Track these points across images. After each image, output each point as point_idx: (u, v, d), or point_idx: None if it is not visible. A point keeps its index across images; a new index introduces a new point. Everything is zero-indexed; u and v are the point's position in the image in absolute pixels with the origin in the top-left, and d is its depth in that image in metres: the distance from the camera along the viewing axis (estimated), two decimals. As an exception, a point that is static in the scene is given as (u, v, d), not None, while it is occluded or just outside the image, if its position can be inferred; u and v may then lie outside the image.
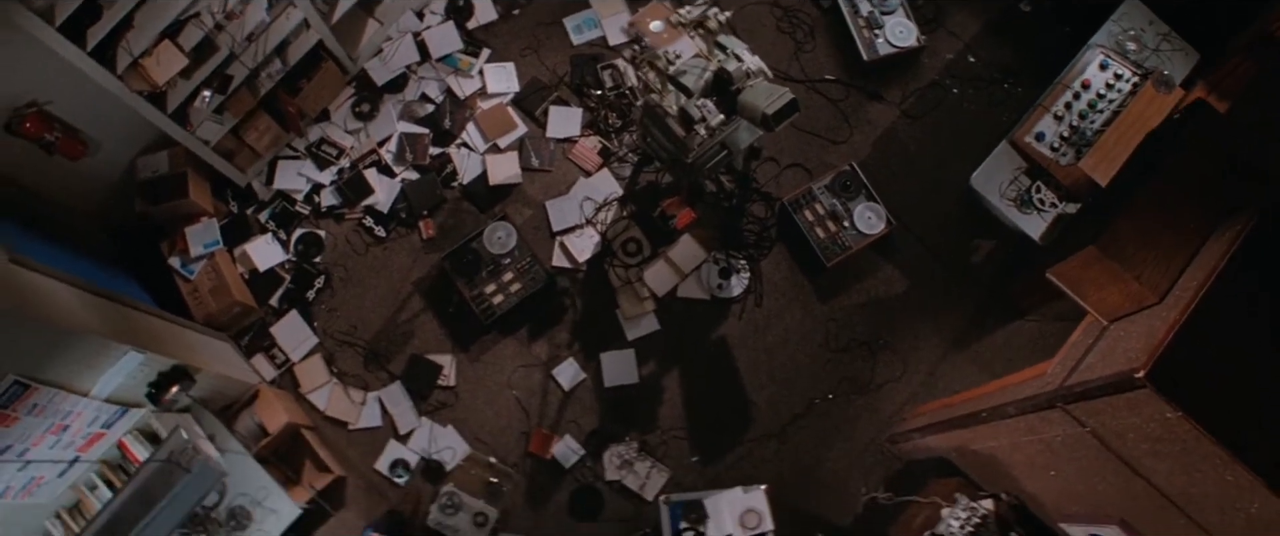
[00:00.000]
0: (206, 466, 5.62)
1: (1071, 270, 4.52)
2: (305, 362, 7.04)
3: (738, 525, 6.06)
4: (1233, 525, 3.92)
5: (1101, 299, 4.46)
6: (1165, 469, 4.08)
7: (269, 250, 7.13)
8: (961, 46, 7.15)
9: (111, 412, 5.89)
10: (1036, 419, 4.73)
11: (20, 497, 5.86)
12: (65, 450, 5.87)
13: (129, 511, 5.58)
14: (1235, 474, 3.65)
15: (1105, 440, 4.31)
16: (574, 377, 6.87)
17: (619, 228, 7.00)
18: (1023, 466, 5.25)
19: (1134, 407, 3.90)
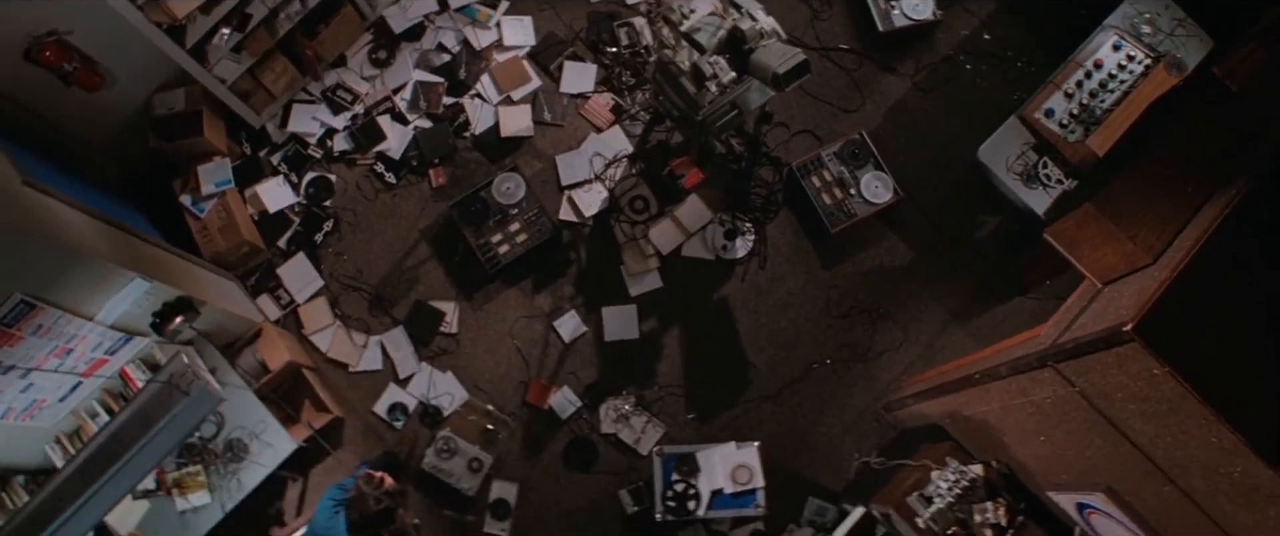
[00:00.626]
0: (205, 391, 5.70)
1: (1068, 229, 4.58)
2: (310, 304, 7.15)
3: (729, 479, 6.14)
4: (1216, 490, 3.99)
5: (1096, 260, 4.52)
6: (1151, 431, 4.14)
7: (280, 192, 7.24)
8: (977, 23, 7.19)
9: (115, 339, 5.98)
10: (1027, 380, 4.80)
11: (21, 419, 5.97)
12: (68, 375, 5.97)
13: (127, 432, 5.66)
14: (1219, 435, 3.71)
15: (1093, 400, 4.37)
16: (575, 330, 6.95)
17: (627, 185, 7.08)
18: (1014, 432, 5.33)
19: (1122, 363, 3.96)
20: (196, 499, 6.36)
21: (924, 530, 5.52)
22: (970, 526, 5.50)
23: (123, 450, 5.66)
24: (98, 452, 5.70)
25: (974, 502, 5.52)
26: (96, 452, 5.70)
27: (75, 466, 5.74)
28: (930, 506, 5.53)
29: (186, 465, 6.41)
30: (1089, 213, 4.42)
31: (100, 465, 5.66)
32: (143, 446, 5.67)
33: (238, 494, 6.34)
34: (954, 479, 5.55)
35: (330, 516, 5.49)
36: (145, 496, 6.40)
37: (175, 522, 6.36)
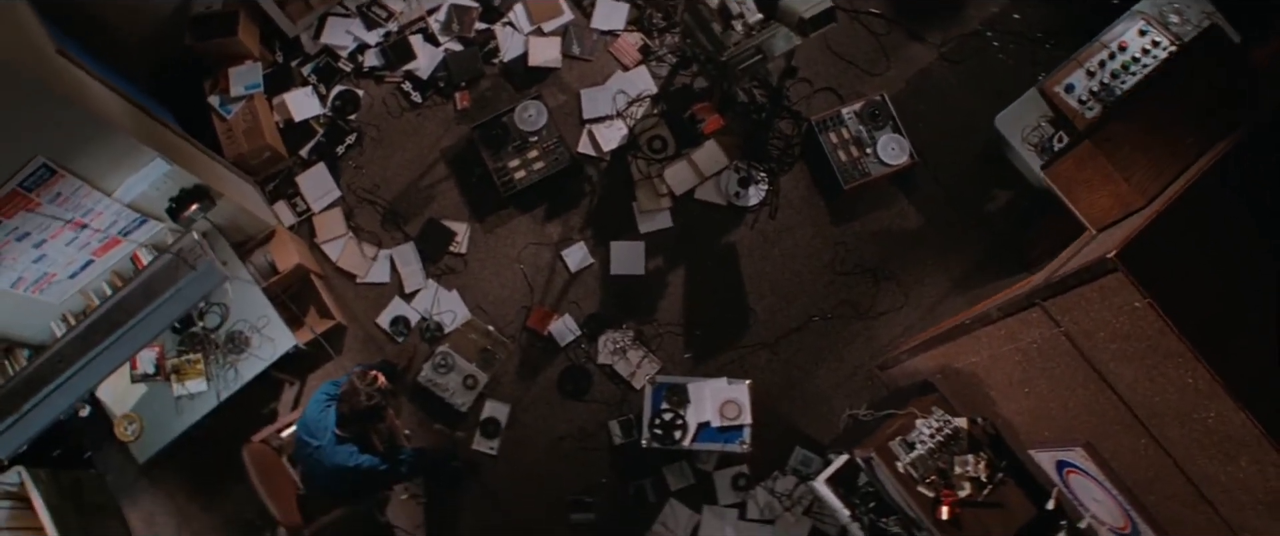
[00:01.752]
0: (211, 267, 5.87)
1: (1066, 169, 4.71)
2: (325, 214, 7.34)
3: (717, 413, 6.27)
4: (1190, 438, 4.10)
5: (1091, 203, 4.65)
6: (1131, 375, 4.26)
7: (307, 102, 7.44)
8: (1007, 2, 7.31)
9: (130, 220, 6.15)
10: (1017, 322, 4.91)
11: (31, 291, 6.15)
12: (80, 250, 6.15)
13: (131, 301, 5.86)
14: (1196, 375, 3.82)
15: (1077, 341, 4.48)
16: (582, 261, 7.11)
17: (647, 124, 7.24)
18: (1001, 385, 5.44)
19: (1105, 296, 4.08)
20: (194, 386, 6.55)
21: (903, 474, 5.60)
22: (949, 477, 5.58)
23: (124, 319, 5.85)
24: (100, 320, 5.89)
25: (955, 453, 5.62)
26: (99, 320, 5.89)
27: (77, 332, 5.92)
28: (912, 452, 5.63)
29: (187, 353, 6.59)
30: (1087, 151, 4.55)
31: (101, 332, 5.85)
32: (144, 316, 5.86)
33: (234, 384, 6.52)
34: (938, 426, 5.66)
35: (321, 409, 5.67)
36: (143, 380, 6.60)
37: (170, 408, 6.55)
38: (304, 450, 5.77)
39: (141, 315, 5.86)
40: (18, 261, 5.91)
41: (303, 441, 5.76)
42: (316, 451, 5.64)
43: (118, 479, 7.31)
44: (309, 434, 5.68)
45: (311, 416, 5.70)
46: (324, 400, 5.72)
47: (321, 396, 5.75)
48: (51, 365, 5.88)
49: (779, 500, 6.70)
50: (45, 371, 5.88)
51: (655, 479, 6.80)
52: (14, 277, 6.02)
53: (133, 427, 6.56)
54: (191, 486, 7.23)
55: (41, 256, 6.01)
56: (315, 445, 5.64)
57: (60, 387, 5.88)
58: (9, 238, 5.71)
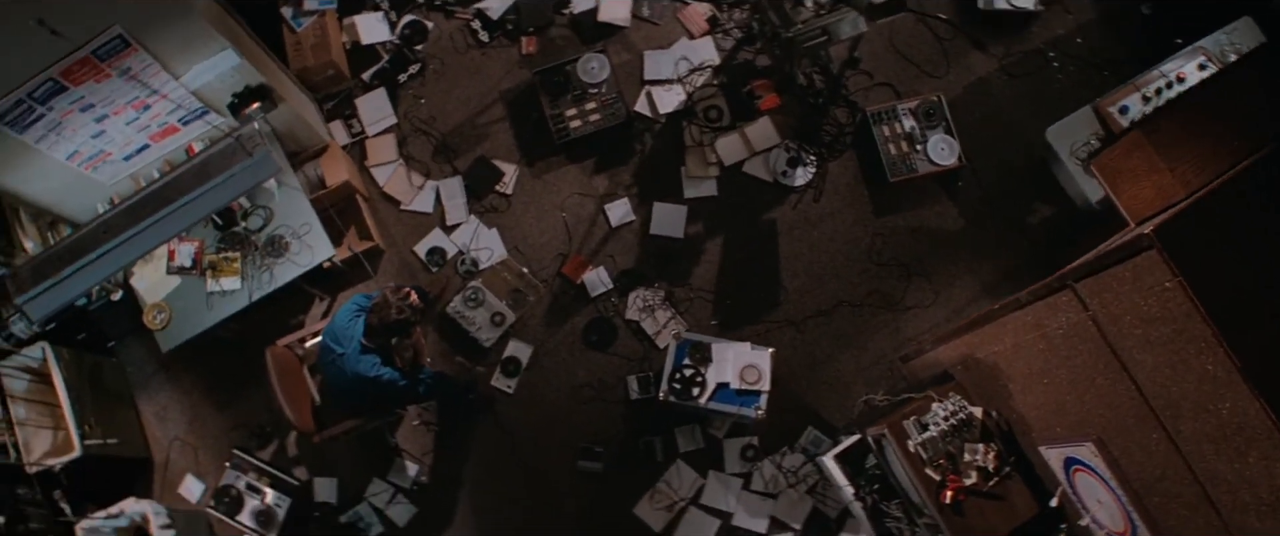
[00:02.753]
0: (268, 157, 6.15)
1: (1113, 159, 5.00)
2: (378, 139, 7.71)
3: (737, 376, 6.53)
4: (1202, 432, 4.36)
5: (1134, 195, 4.94)
6: (1151, 362, 4.53)
7: (376, 27, 7.80)
8: (1073, 26, 7.60)
9: (191, 109, 6.51)
10: (1045, 307, 5.18)
11: (85, 167, 6.49)
12: (139, 132, 6.49)
13: (184, 181, 6.15)
14: (1216, 362, 4.09)
15: (1103, 327, 4.75)
16: (623, 217, 7.44)
17: (705, 93, 7.57)
18: (1020, 377, 5.71)
19: (1137, 276, 4.36)
20: (228, 283, 6.88)
21: (912, 454, 5.88)
22: (958, 463, 5.84)
23: (175, 196, 6.12)
24: (151, 195, 6.16)
25: (966, 440, 5.90)
26: (150, 195, 6.16)
27: (127, 204, 6.18)
28: (924, 432, 5.90)
29: (226, 251, 6.91)
30: (1136, 139, 4.84)
31: (150, 207, 6.12)
32: (195, 197, 6.13)
33: (268, 286, 6.86)
34: (953, 410, 5.93)
35: (350, 318, 5.97)
36: (179, 273, 6.94)
37: (201, 302, 6.89)
38: (327, 356, 6.06)
39: (192, 195, 6.11)
40: (77, 133, 6.23)
41: (327, 347, 6.05)
42: (340, 358, 5.93)
43: (137, 370, 7.68)
44: (335, 340, 5.97)
45: (340, 324, 5.99)
46: (354, 310, 6.02)
47: (352, 306, 6.05)
48: (96, 234, 6.13)
49: (784, 475, 6.97)
50: (89, 240, 6.13)
51: (666, 438, 7.10)
52: (71, 150, 6.34)
53: (161, 316, 6.88)
54: (207, 387, 7.58)
55: (101, 132, 6.34)
56: (339, 352, 5.93)
57: (102, 257, 6.12)
58: (73, 107, 6.04)
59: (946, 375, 6.45)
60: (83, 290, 6.28)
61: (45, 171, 6.41)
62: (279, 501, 7.05)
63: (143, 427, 7.59)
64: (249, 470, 7.11)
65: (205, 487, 7.38)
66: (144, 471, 7.47)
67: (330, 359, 6.04)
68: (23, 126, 6.01)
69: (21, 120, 5.97)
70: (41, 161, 6.33)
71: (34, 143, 6.15)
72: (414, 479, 7.22)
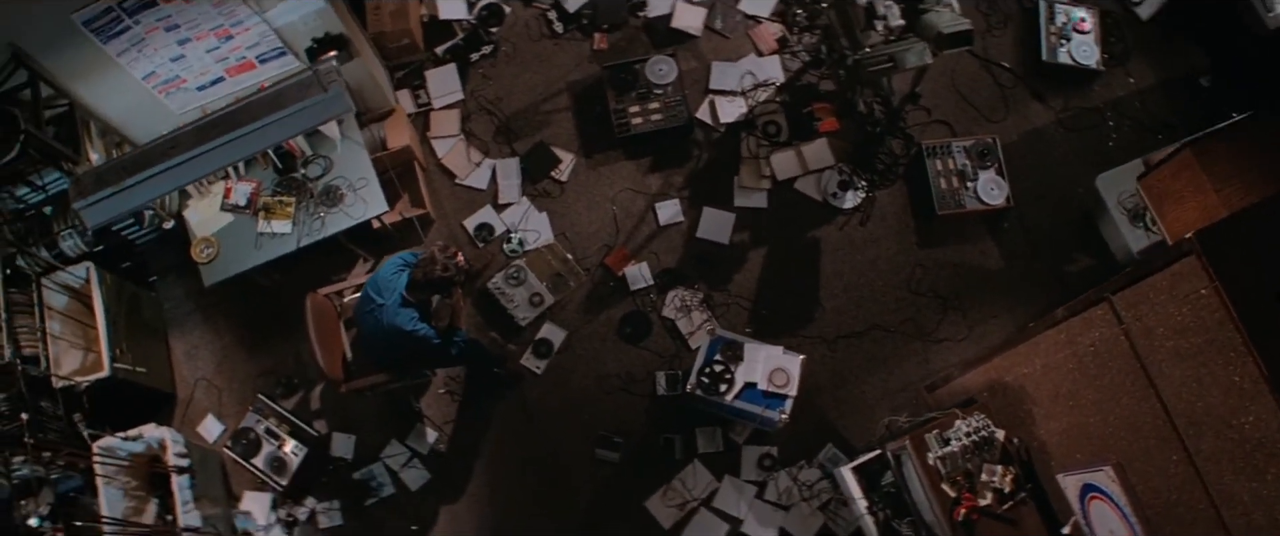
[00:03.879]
0: (341, 94, 6.50)
1: (1161, 180, 5.37)
2: (443, 112, 8.19)
3: (766, 378, 6.85)
4: (1222, 449, 4.64)
5: (1178, 216, 5.30)
6: (1179, 376, 4.84)
7: (454, 4, 8.28)
8: (1134, 89, 8.04)
9: (270, 47, 6.92)
10: (1079, 323, 5.50)
11: (159, 91, 6.89)
12: (217, 63, 6.90)
13: (257, 107, 6.50)
14: (1243, 373, 4.39)
15: (1135, 340, 5.06)
16: (672, 217, 7.86)
17: (767, 108, 8.01)
18: (1046, 400, 6.02)
19: (1175, 284, 4.69)
20: (279, 226, 7.28)
21: (931, 467, 6.16)
22: (975, 482, 6.12)
23: (246, 121, 6.45)
24: (223, 117, 6.51)
25: (986, 460, 6.19)
26: (222, 117, 6.51)
27: (198, 123, 6.53)
28: (945, 447, 6.19)
29: (282, 195, 7.31)
30: (1186, 159, 5.20)
31: (221, 128, 6.45)
32: (265, 124, 6.46)
33: (316, 234, 7.27)
34: (976, 427, 6.23)
35: (395, 271, 6.34)
36: (232, 211, 7.34)
37: (250, 241, 7.30)
38: (366, 306, 6.42)
39: (262, 122, 6.44)
40: (158, 53, 6.64)
41: (368, 297, 6.40)
42: (379, 309, 6.28)
43: (174, 307, 8.07)
44: (377, 291, 6.32)
45: (383, 276, 6.36)
46: (399, 263, 6.39)
47: (397, 260, 6.42)
48: (163, 149, 6.45)
49: (799, 488, 7.26)
50: (155, 153, 6.45)
51: (686, 437, 7.42)
52: (149, 70, 6.74)
53: (209, 251, 7.27)
54: (241, 332, 7.97)
55: (180, 56, 6.74)
56: (379, 303, 6.28)
57: (165, 172, 6.43)
58: (159, 24, 6.45)
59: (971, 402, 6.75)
60: (141, 202, 6.61)
61: (121, 88, 6.80)
62: (296, 450, 7.34)
63: (171, 363, 7.95)
64: (270, 416, 7.41)
65: (224, 429, 7.71)
66: (166, 406, 7.79)
67: (369, 308, 6.37)
68: (108, 36, 6.39)
69: (108, 30, 6.35)
70: (119, 77, 6.71)
71: (116, 55, 6.53)
72: (432, 445, 7.54)
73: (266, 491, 7.47)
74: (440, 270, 6.10)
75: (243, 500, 7.49)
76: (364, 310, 6.48)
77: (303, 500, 7.49)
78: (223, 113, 6.58)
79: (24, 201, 6.96)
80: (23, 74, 6.41)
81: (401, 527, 7.45)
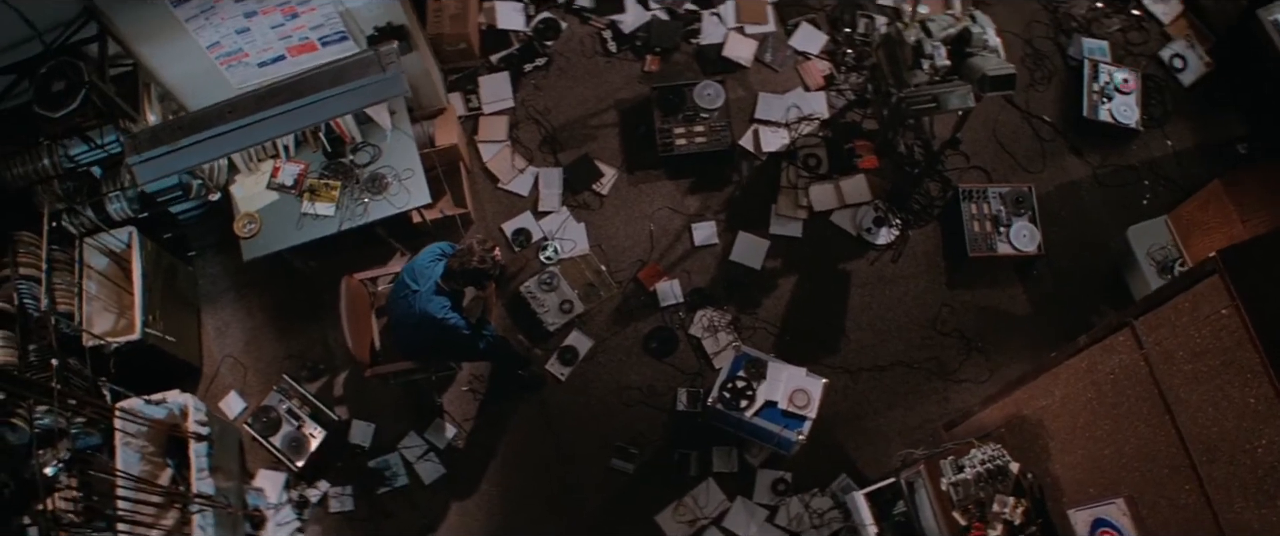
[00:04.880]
0: (399, 77, 6.73)
1: (1190, 211, 5.61)
2: (492, 117, 8.58)
3: (786, 398, 7.07)
4: (1235, 476, 4.82)
5: (1204, 248, 5.53)
6: (1196, 401, 5.04)
7: (513, 15, 8.74)
8: (1170, 152, 8.35)
9: (333, 30, 7.22)
10: (1100, 350, 5.69)
11: (221, 62, 7.18)
12: (280, 40, 7.20)
13: (317, 80, 6.70)
14: (1259, 395, 4.60)
15: (1154, 365, 5.26)
16: (707, 238, 8.17)
17: (809, 141, 8.35)
18: (1063, 433, 6.21)
19: (1197, 304, 4.90)
20: (323, 208, 7.59)
21: (944, 493, 6.37)
22: (986, 511, 6.31)
23: (304, 92, 6.66)
24: (283, 87, 6.72)
25: (998, 491, 6.38)
26: (282, 87, 6.72)
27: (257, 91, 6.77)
28: (959, 473, 6.39)
29: (328, 178, 7.64)
30: (1215, 190, 5.46)
31: (279, 97, 6.66)
32: (322, 98, 6.67)
33: (358, 220, 7.58)
34: (991, 455, 6.44)
35: (432, 259, 6.62)
36: (278, 190, 7.67)
37: (292, 221, 7.61)
38: (400, 292, 6.69)
39: (320, 95, 6.66)
40: (225, 23, 6.92)
41: (402, 283, 6.68)
42: (412, 296, 6.55)
43: (208, 283, 8.40)
44: (412, 278, 6.60)
45: (420, 263, 6.65)
46: (437, 252, 6.68)
47: (435, 249, 6.71)
48: (220, 112, 6.67)
49: (810, 515, 7.47)
50: (212, 116, 6.67)
51: (702, 455, 7.66)
52: (214, 39, 7.02)
53: (251, 226, 7.58)
54: (272, 313, 8.29)
55: (246, 29, 7.03)
56: (413, 289, 6.56)
57: (220, 136, 6.64)
58: (230, -10, 6.75)
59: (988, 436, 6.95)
60: (193, 163, 6.86)
61: (185, 54, 7.04)
62: (314, 432, 7.61)
63: (201, 337, 8.25)
64: (293, 397, 7.71)
65: (246, 407, 7.98)
66: (191, 379, 8.06)
67: (402, 294, 6.64)
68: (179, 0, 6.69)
69: (181, -7, 6.65)
70: (185, 43, 6.96)
71: (185, 20, 6.79)
72: (450, 441, 7.79)
73: (281, 471, 7.73)
74: (477, 262, 6.37)
75: (257, 477, 7.75)
76: (397, 296, 6.74)
77: (316, 483, 7.73)
78: (282, 82, 6.79)
79: (75, 160, 7.23)
80: (92, 27, 6.69)
81: (411, 519, 7.68)
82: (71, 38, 6.67)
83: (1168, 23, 8.73)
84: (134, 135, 6.72)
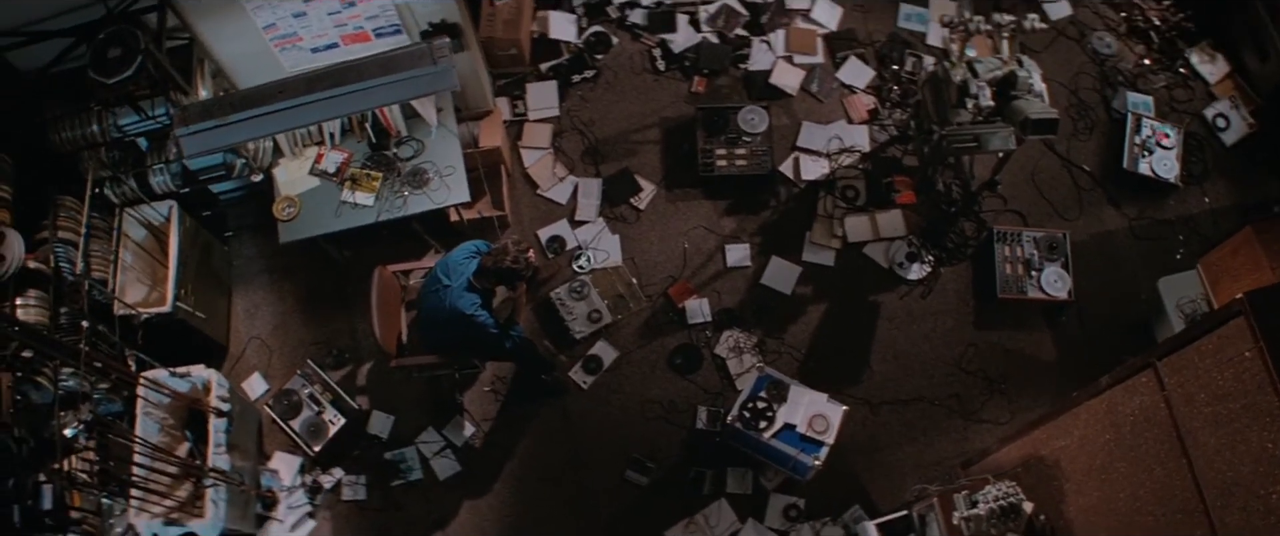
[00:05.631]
0: (449, 70, 6.77)
1: (1221, 257, 5.69)
2: (537, 124, 8.80)
3: (806, 421, 7.17)
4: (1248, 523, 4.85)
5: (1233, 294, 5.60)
6: (1214, 444, 5.10)
7: (566, 26, 8.97)
8: (1207, 210, 8.47)
9: (388, 22, 7.37)
10: (1122, 391, 5.76)
11: (276, 44, 7.34)
12: (335, 27, 7.35)
13: (368, 67, 6.75)
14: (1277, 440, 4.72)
15: (1174, 408, 5.33)
16: (739, 260, 8.33)
17: (848, 172, 8.52)
18: (1079, 475, 6.29)
19: (1221, 346, 4.97)
20: (362, 198, 7.77)
21: (955, 527, 6.43)
22: None
23: (354, 78, 6.71)
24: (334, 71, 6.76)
25: (1010, 530, 6.45)
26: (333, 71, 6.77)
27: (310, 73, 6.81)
28: (972, 508, 6.48)
29: (371, 169, 7.82)
30: (1246, 236, 5.54)
31: (329, 81, 6.69)
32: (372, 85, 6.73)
33: (397, 212, 7.75)
34: (1007, 492, 6.51)
35: (466, 256, 6.77)
36: (321, 176, 7.85)
37: (331, 208, 7.79)
38: (431, 287, 6.84)
39: (371, 82, 6.72)
40: (283, 5, 7.08)
41: (435, 278, 6.82)
42: (444, 291, 6.70)
43: (242, 265, 8.62)
44: (445, 273, 6.75)
45: (454, 259, 6.80)
46: (472, 250, 6.84)
47: (470, 247, 6.87)
48: (271, 91, 6.71)
49: (819, 544, 7.59)
50: (263, 94, 6.71)
51: (717, 474, 7.75)
52: (271, 20, 7.18)
53: (291, 210, 7.75)
54: (302, 299, 8.48)
55: (303, 13, 7.19)
56: (445, 284, 6.70)
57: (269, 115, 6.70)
58: (288, -26, 6.92)
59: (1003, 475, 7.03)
60: (240, 140, 6.95)
61: (241, 33, 7.20)
62: (334, 419, 7.75)
63: (230, 317, 8.45)
64: (316, 382, 7.84)
65: (268, 389, 8.14)
66: (217, 357, 8.24)
67: (434, 288, 6.79)
68: (241, -23, 6.82)
69: (243, -29, 6.80)
70: (242, 21, 7.12)
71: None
72: (467, 439, 7.93)
73: (297, 454, 7.89)
74: (510, 262, 6.52)
75: (272, 458, 7.92)
76: (428, 290, 6.88)
77: (330, 469, 7.87)
78: (334, 65, 6.86)
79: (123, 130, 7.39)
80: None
81: (422, 513, 7.81)
82: (133, 5, 6.86)
83: (1214, 82, 8.89)
84: (185, 108, 6.81)
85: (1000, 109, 7.17)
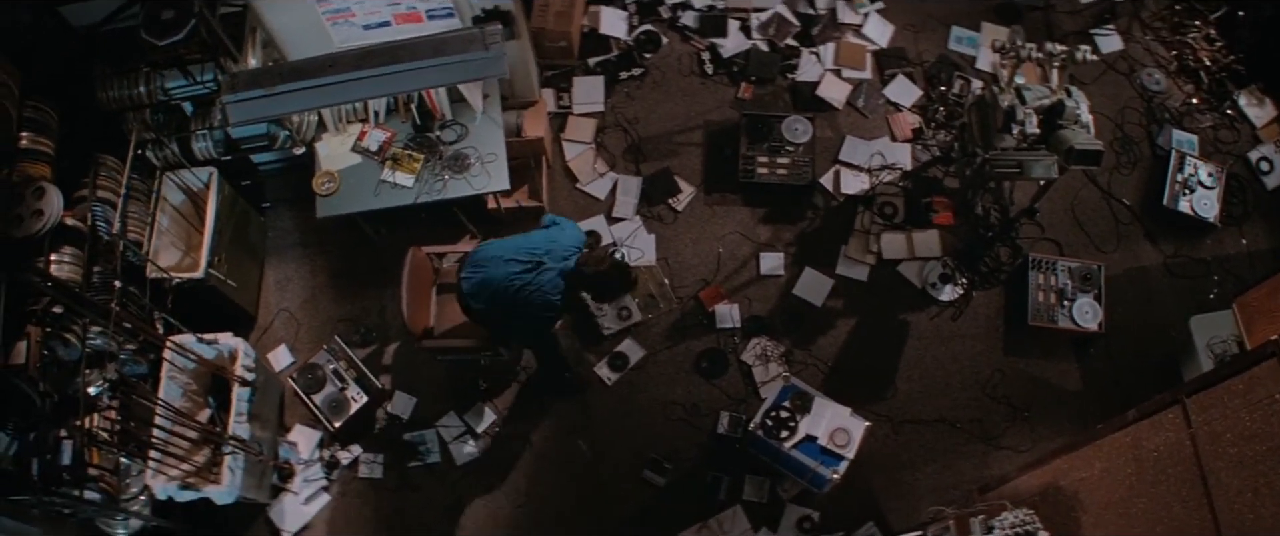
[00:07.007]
0: (500, 56, 6.95)
1: (1257, 299, 5.76)
2: (581, 118, 8.94)
3: (827, 434, 7.27)
4: None
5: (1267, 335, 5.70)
6: (1236, 486, 5.17)
7: (617, 22, 9.15)
8: (1245, 252, 8.58)
9: (441, 5, 7.41)
10: (1148, 426, 5.83)
11: (328, 18, 7.40)
12: (387, 6, 7.40)
13: (419, 48, 6.91)
14: None
15: (1199, 446, 5.39)
16: (773, 268, 8.46)
17: (887, 190, 8.64)
18: (1098, 507, 6.36)
19: (1251, 387, 5.04)
20: (402, 178, 7.86)
21: (970, 548, 6.57)
22: None
23: (405, 57, 6.88)
24: (385, 49, 6.94)
25: (1025, 556, 6.56)
26: (384, 48, 6.95)
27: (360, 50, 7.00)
28: (988, 534, 6.54)
29: (413, 150, 7.93)
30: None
31: (379, 59, 6.86)
32: (421, 66, 6.89)
33: (435, 195, 7.83)
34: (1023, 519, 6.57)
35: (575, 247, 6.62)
36: (362, 153, 7.96)
37: (370, 186, 7.87)
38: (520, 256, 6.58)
39: (420, 63, 6.89)
40: None
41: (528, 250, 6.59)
42: (536, 269, 6.49)
43: (277, 237, 8.76)
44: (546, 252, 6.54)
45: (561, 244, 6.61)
46: (579, 243, 6.67)
47: (578, 237, 6.71)
48: (321, 64, 6.90)
49: (831, 558, 7.69)
50: (313, 67, 6.90)
51: (734, 481, 7.87)
52: None
53: (330, 185, 7.85)
54: (334, 275, 8.63)
55: (357, -14, 7.25)
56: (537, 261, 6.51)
57: (317, 88, 6.86)
58: (347, -51, 7.00)
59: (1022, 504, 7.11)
60: (286, 111, 7.14)
61: (294, 4, 7.27)
62: (356, 396, 7.90)
63: (261, 287, 8.59)
64: (341, 359, 7.99)
65: (293, 362, 8.29)
66: (245, 326, 8.38)
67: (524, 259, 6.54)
68: (298, -54, 6.91)
69: (298, -60, 6.89)
70: None
71: None
72: (487, 427, 8.05)
73: (317, 429, 8.03)
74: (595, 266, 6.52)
75: (292, 431, 8.06)
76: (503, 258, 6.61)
77: (349, 446, 8.00)
78: (385, 43, 7.03)
79: (170, 94, 7.54)
80: (208, -39, 6.97)
81: (437, 495, 7.93)
82: (187, -32, 6.95)
83: (1260, 126, 9.01)
84: (233, 75, 6.97)
85: (1045, 137, 7.27)
